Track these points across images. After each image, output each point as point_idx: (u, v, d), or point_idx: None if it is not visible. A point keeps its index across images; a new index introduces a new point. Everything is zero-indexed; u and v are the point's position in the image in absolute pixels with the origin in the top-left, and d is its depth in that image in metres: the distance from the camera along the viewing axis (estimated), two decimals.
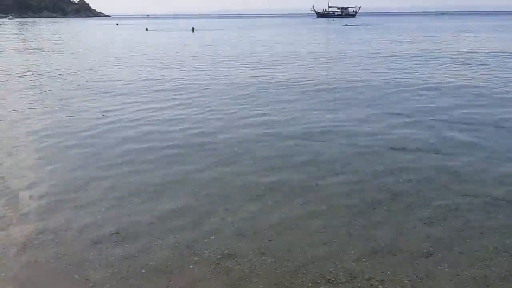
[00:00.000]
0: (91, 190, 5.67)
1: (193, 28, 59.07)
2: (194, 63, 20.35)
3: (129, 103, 11.17)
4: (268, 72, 16.69)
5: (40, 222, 4.84)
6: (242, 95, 12.06)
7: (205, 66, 18.98)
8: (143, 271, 3.95)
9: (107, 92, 12.75)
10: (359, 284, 3.71)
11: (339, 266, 3.96)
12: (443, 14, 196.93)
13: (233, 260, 4.11)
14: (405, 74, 15.57)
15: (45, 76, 16.15)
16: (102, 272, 3.92)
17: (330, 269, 3.91)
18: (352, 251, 4.20)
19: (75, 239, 4.49)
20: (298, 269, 3.94)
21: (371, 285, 3.70)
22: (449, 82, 13.74)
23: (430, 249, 4.22)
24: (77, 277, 3.87)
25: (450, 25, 63.76)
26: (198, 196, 5.48)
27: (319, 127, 8.60)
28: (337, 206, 5.16)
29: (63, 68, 18.43)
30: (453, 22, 78.50)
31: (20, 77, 16.13)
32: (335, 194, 5.51)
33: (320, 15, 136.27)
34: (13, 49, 28.76)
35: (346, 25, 70.79)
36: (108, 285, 3.74)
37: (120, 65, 19.69)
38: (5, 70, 18.05)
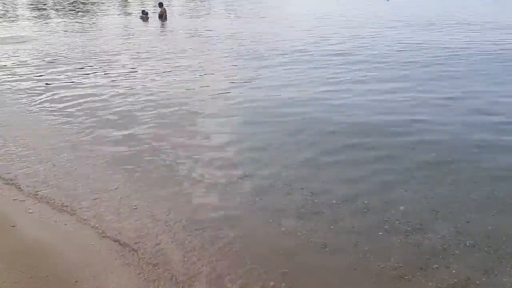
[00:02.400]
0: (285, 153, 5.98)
1: None
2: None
3: None
4: None
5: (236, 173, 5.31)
6: None
7: None
8: (331, 227, 4.03)
9: None
10: None
11: None
12: None
13: (425, 235, 3.90)
14: None
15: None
16: (293, 221, 4.13)
17: None
18: None
19: (271, 187, 4.80)
20: (504, 255, 3.53)
21: None
22: None
23: None
24: (271, 220, 4.17)
25: None
26: (390, 166, 5.31)
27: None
28: None
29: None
30: None
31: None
32: None
33: None
34: None
35: None
36: (298, 233, 3.93)
37: None
38: None
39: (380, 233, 3.94)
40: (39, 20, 22.07)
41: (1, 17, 24.17)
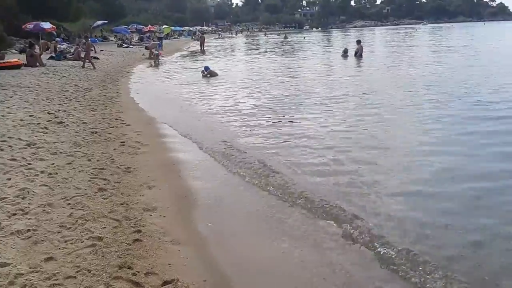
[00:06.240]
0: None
1: None
2: None
3: None
4: None
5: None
6: None
7: None
8: None
9: None
10: None
11: None
12: None
13: None
14: None
15: None
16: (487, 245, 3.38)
17: None
18: None
19: (459, 206, 4.18)
20: None
21: None
22: None
23: None
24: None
25: None
26: None
27: None
28: None
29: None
30: None
31: None
32: None
33: None
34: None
35: None
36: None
37: None
38: None
39: None
40: (253, 58, 24.44)
41: (224, 56, 27.74)
